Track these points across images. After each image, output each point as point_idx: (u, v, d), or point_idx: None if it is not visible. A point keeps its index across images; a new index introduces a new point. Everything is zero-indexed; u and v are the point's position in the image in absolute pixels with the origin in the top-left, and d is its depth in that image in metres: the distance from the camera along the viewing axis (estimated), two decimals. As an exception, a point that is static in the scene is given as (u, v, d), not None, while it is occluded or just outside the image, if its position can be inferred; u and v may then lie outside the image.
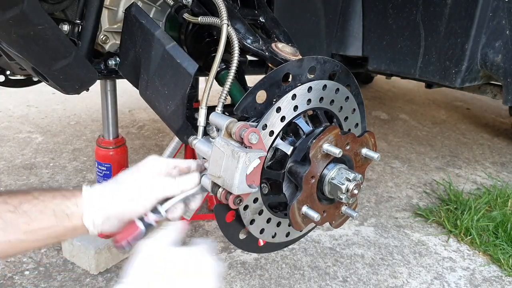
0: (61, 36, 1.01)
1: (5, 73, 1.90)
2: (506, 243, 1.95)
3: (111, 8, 1.18)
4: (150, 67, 1.08)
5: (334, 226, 1.04)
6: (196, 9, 1.15)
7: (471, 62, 1.58)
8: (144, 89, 1.13)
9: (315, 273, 1.72)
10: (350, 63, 2.02)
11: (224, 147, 0.82)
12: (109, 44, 1.21)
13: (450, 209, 2.23)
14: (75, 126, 3.16)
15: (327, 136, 0.91)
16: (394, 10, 1.73)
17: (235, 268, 1.70)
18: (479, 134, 3.59)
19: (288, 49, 1.04)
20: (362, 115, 1.10)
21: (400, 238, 2.01)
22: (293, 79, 0.91)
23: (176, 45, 1.04)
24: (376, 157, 0.99)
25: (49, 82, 1.09)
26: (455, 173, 2.77)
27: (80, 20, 1.10)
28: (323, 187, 0.94)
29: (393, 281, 1.71)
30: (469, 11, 1.51)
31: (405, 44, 1.73)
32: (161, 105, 1.08)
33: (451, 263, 1.86)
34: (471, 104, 4.48)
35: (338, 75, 1.00)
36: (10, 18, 0.86)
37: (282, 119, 0.91)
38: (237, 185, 0.81)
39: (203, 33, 1.27)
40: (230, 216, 0.95)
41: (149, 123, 3.28)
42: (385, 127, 3.60)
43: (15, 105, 3.49)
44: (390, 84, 4.94)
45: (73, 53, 1.05)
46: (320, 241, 1.93)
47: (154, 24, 1.09)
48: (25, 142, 2.81)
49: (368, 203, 2.31)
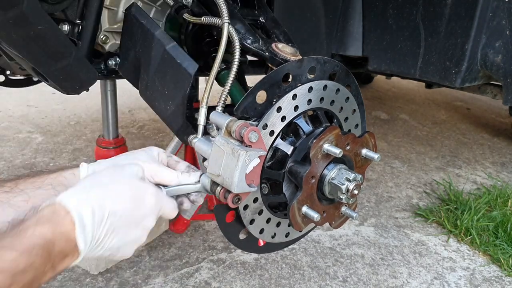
0: (61, 36, 1.02)
1: (5, 73, 1.90)
2: (506, 243, 1.95)
3: (111, 8, 1.18)
4: (150, 67, 1.08)
5: (333, 227, 1.04)
6: (196, 9, 1.15)
7: (471, 62, 1.58)
8: (144, 89, 1.13)
9: (315, 273, 1.72)
10: (350, 63, 2.02)
11: (224, 146, 0.82)
12: (109, 44, 1.21)
13: (450, 209, 2.23)
14: (75, 126, 3.16)
15: (328, 136, 0.91)
16: (394, 10, 1.73)
17: (235, 268, 1.70)
18: (479, 134, 3.59)
19: (288, 49, 1.04)
20: (362, 115, 1.10)
21: (400, 238, 2.01)
22: (293, 80, 0.91)
23: (176, 45, 1.04)
24: (376, 158, 0.99)
25: (49, 82, 1.09)
26: (455, 173, 2.77)
27: (80, 20, 1.10)
28: (323, 187, 0.94)
29: (393, 281, 1.71)
30: (469, 11, 1.51)
31: (405, 44, 1.73)
32: (161, 105, 1.08)
33: (451, 263, 1.86)
34: (471, 104, 4.48)
35: (338, 75, 1.00)
36: (10, 18, 0.86)
37: (282, 119, 0.91)
38: (236, 183, 0.81)
39: (203, 33, 1.27)
40: (230, 216, 0.95)
41: (149, 123, 3.28)
42: (385, 127, 3.60)
43: (15, 105, 3.48)
44: (390, 84, 4.94)
45: (73, 53, 1.05)
46: (320, 241, 1.93)
47: (154, 24, 1.09)
48: (25, 142, 2.81)
49: (368, 203, 2.31)
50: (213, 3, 1.04)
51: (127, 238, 0.77)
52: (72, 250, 0.68)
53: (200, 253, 1.78)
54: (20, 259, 0.61)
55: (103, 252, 0.75)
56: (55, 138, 2.92)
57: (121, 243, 0.76)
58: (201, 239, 1.87)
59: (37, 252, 0.63)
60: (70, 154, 2.68)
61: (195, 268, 1.68)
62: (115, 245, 0.75)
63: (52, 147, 2.76)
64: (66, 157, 2.64)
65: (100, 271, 1.63)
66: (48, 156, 2.64)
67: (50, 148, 2.75)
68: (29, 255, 0.62)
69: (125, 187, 0.77)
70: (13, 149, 2.69)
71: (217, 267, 1.70)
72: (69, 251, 0.67)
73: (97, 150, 1.68)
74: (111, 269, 1.65)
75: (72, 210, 0.68)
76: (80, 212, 0.69)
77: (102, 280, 1.59)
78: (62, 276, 1.60)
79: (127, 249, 0.79)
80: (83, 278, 1.60)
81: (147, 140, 2.98)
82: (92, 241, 0.71)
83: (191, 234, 1.91)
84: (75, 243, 0.68)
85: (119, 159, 0.91)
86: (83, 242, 0.69)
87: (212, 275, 1.65)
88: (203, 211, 2.05)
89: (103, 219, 0.72)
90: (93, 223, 0.70)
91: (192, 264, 1.71)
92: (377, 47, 1.82)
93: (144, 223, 0.79)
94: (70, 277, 1.60)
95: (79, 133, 3.03)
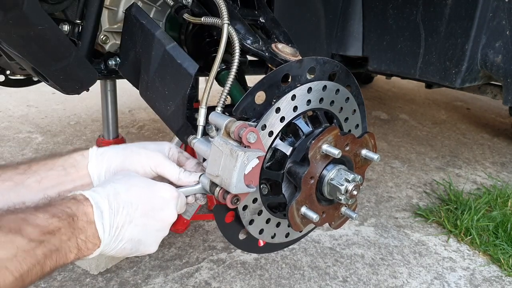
0: (61, 36, 1.02)
1: (5, 73, 1.90)
2: (506, 243, 1.95)
3: (111, 8, 1.19)
4: (150, 68, 1.08)
5: (333, 227, 1.04)
6: (196, 10, 1.15)
7: (471, 62, 1.58)
8: (144, 89, 1.13)
9: (315, 273, 1.72)
10: (350, 64, 2.02)
11: (222, 146, 0.82)
12: (109, 44, 1.21)
13: (450, 209, 2.23)
14: (75, 126, 3.16)
15: (326, 137, 0.91)
16: (394, 10, 1.73)
17: (235, 268, 1.70)
18: (479, 134, 3.59)
19: (288, 49, 1.04)
20: (362, 115, 1.10)
21: (400, 238, 2.01)
22: (293, 80, 0.91)
23: (177, 46, 1.04)
24: (375, 158, 0.99)
25: (49, 82, 1.09)
26: (455, 173, 2.77)
27: (80, 20, 1.10)
28: (322, 187, 0.94)
29: (393, 281, 1.71)
30: (469, 11, 1.51)
31: (405, 44, 1.73)
32: (161, 105, 1.08)
33: (451, 263, 1.86)
34: (471, 104, 4.47)
35: (338, 76, 1.00)
36: (10, 19, 0.86)
37: (281, 120, 0.91)
38: (234, 184, 0.81)
39: (203, 34, 1.27)
40: (229, 217, 0.95)
41: (149, 123, 3.28)
42: (385, 127, 3.60)
43: (15, 105, 3.49)
44: (390, 84, 4.93)
45: (73, 53, 1.05)
46: (320, 241, 1.93)
47: (154, 24, 1.09)
48: (25, 142, 2.81)
49: (368, 203, 2.31)
50: (213, 3, 1.04)
51: (147, 229, 0.81)
52: (93, 235, 0.73)
53: (200, 253, 1.78)
54: (51, 220, 0.67)
55: (125, 245, 0.79)
56: (55, 138, 2.92)
57: (142, 235, 0.80)
58: (201, 239, 1.87)
59: (65, 219, 0.69)
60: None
61: (195, 268, 1.69)
62: (136, 236, 0.79)
63: (52, 147, 2.77)
64: (66, 157, 2.64)
65: (100, 271, 1.63)
66: (48, 156, 2.64)
67: (50, 148, 2.75)
68: (59, 220, 0.68)
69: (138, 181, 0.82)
70: (13, 149, 2.70)
71: (217, 267, 1.70)
72: (90, 234, 0.72)
73: (97, 150, 1.69)
74: (111, 269, 1.65)
75: (90, 198, 0.74)
76: (97, 201, 0.74)
77: (102, 280, 1.59)
78: (62, 276, 1.60)
79: (149, 242, 0.83)
80: (83, 278, 1.60)
81: (147, 140, 2.98)
82: (110, 229, 0.75)
83: (191, 234, 1.91)
84: (95, 226, 0.73)
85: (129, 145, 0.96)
86: (101, 228, 0.73)
87: (212, 275, 1.65)
88: (203, 211, 2.05)
89: (119, 208, 0.76)
90: (110, 211, 0.75)
91: (192, 264, 1.71)
92: (377, 47, 1.82)
93: (162, 216, 0.83)
94: (70, 277, 1.60)
95: (79, 133, 3.03)
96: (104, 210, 0.74)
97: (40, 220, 0.65)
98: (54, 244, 0.66)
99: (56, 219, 0.67)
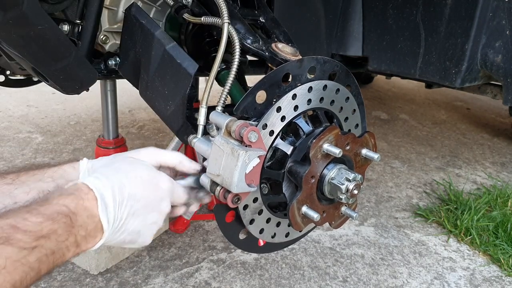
0: (61, 36, 1.02)
1: (5, 73, 1.90)
2: (506, 243, 1.95)
3: (111, 8, 1.19)
4: (150, 67, 1.08)
5: (333, 227, 1.04)
6: (196, 9, 1.15)
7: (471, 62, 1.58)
8: (144, 89, 1.13)
9: (315, 273, 1.72)
10: (350, 63, 2.02)
11: (223, 145, 0.82)
12: (109, 44, 1.21)
13: (450, 209, 2.23)
14: (75, 126, 3.16)
15: (327, 136, 0.91)
16: (394, 10, 1.73)
17: (235, 268, 1.70)
18: (479, 134, 3.59)
19: (288, 49, 1.04)
20: (362, 115, 1.10)
21: (400, 238, 2.01)
22: (293, 79, 0.91)
23: (176, 45, 1.04)
24: (376, 158, 0.99)
25: (49, 82, 1.09)
26: (455, 173, 2.77)
27: (80, 20, 1.10)
28: (323, 187, 0.94)
29: (393, 281, 1.71)
30: (469, 11, 1.51)
31: (405, 44, 1.73)
32: (161, 105, 1.08)
33: (451, 263, 1.86)
34: (471, 104, 4.48)
35: (338, 75, 1.00)
36: (10, 19, 0.86)
37: (282, 119, 0.91)
38: (236, 183, 0.81)
39: (203, 33, 1.27)
40: (230, 216, 0.95)
41: (149, 123, 3.28)
42: (385, 127, 3.60)
43: (15, 105, 3.48)
44: (390, 84, 4.94)
45: (73, 53, 1.05)
46: (320, 241, 1.93)
47: (154, 24, 1.09)
48: (25, 142, 2.81)
49: (368, 203, 2.31)
50: (213, 3, 1.04)
51: (147, 221, 0.80)
52: (95, 228, 0.71)
53: (200, 253, 1.78)
54: (44, 224, 0.63)
55: (125, 237, 0.78)
56: (55, 138, 2.92)
57: (141, 227, 0.80)
58: (201, 239, 1.87)
59: (60, 220, 0.66)
60: (70, 154, 2.68)
61: (195, 268, 1.69)
62: (136, 228, 0.79)
63: (52, 147, 2.77)
64: (66, 157, 2.64)
65: (100, 271, 1.63)
66: (48, 156, 2.64)
67: (50, 148, 2.75)
68: (53, 222, 0.65)
69: (143, 173, 0.81)
70: (13, 149, 2.70)
71: (217, 267, 1.70)
72: (92, 228, 0.70)
73: (97, 150, 1.68)
74: (111, 269, 1.65)
75: (94, 189, 0.72)
76: (101, 192, 0.72)
77: (102, 280, 1.59)
78: (62, 276, 1.60)
79: (147, 233, 0.82)
80: (83, 278, 1.60)
81: (147, 140, 2.98)
82: (114, 222, 0.74)
83: (191, 234, 1.91)
84: (98, 219, 0.71)
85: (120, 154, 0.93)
86: (106, 221, 0.72)
87: (212, 275, 1.65)
88: (203, 211, 2.05)
89: (123, 200, 0.75)
90: (114, 204, 0.74)
91: (192, 264, 1.71)
92: (377, 47, 1.82)
93: (161, 207, 0.83)
94: (70, 277, 1.60)
95: (79, 133, 3.03)
96: (109, 203, 0.73)
97: (32, 225, 0.62)
98: (49, 248, 0.63)
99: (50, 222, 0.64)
